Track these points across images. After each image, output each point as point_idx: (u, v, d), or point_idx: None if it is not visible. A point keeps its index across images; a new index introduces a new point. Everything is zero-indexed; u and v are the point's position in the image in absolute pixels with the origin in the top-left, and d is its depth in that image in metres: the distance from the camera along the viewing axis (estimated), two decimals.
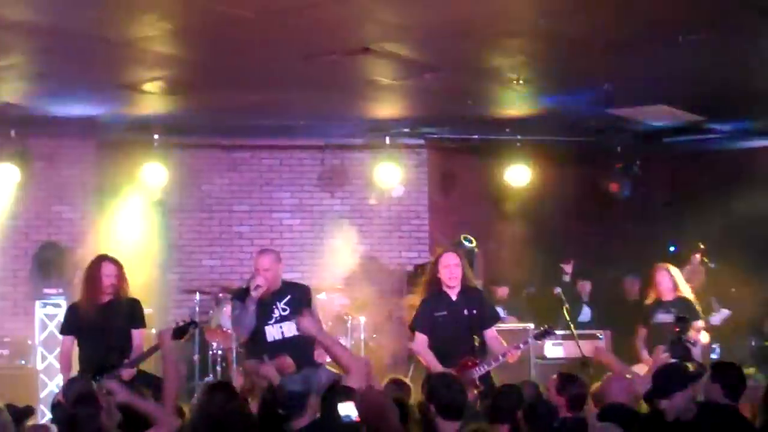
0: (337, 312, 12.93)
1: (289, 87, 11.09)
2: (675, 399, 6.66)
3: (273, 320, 9.20)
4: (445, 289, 9.56)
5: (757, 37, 9.38)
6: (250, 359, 9.16)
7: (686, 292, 10.98)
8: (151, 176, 13.15)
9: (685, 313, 10.34)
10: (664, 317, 10.70)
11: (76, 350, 9.55)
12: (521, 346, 9.50)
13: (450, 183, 14.78)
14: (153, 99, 11.68)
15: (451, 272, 9.53)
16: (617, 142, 13.61)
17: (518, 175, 13.73)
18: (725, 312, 10.65)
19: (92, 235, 13.06)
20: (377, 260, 14.34)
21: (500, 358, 9.30)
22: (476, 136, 13.83)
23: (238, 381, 9.02)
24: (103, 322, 9.37)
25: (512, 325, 12.36)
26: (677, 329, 9.61)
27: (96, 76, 10.68)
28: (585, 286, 13.75)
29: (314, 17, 8.62)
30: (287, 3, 8.34)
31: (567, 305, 10.83)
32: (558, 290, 10.92)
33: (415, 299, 9.80)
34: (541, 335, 9.69)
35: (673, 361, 8.80)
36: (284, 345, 9.09)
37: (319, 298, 10.18)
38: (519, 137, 13.54)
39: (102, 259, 9.66)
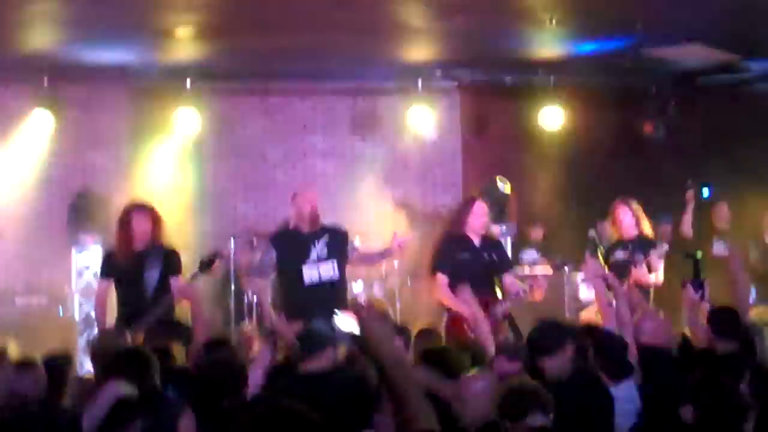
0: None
1: (320, 31, 11.05)
2: (558, 358, 6.44)
3: (310, 261, 9.21)
4: (468, 233, 9.61)
5: None
6: (285, 300, 9.23)
7: (647, 229, 10.56)
8: (185, 122, 13.14)
9: (641, 249, 10.14)
10: (621, 254, 10.37)
11: (113, 297, 9.57)
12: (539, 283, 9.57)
13: (483, 126, 14.71)
14: (185, 44, 11.68)
15: (483, 222, 9.69)
16: (652, 83, 13.51)
17: (552, 117, 13.63)
18: (664, 246, 10.28)
19: (127, 182, 13.14)
20: (410, 204, 14.33)
21: (521, 293, 9.36)
22: (509, 78, 13.75)
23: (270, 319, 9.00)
24: (139, 270, 9.35)
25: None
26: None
27: (128, 22, 10.68)
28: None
29: None
30: None
31: (601, 247, 10.78)
32: (592, 232, 10.84)
33: None
34: (560, 265, 9.71)
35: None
36: (321, 287, 9.14)
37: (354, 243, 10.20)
38: (552, 79, 13.45)
39: (134, 207, 9.62)
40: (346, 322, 5.84)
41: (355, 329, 4.43)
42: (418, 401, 3.86)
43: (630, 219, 10.48)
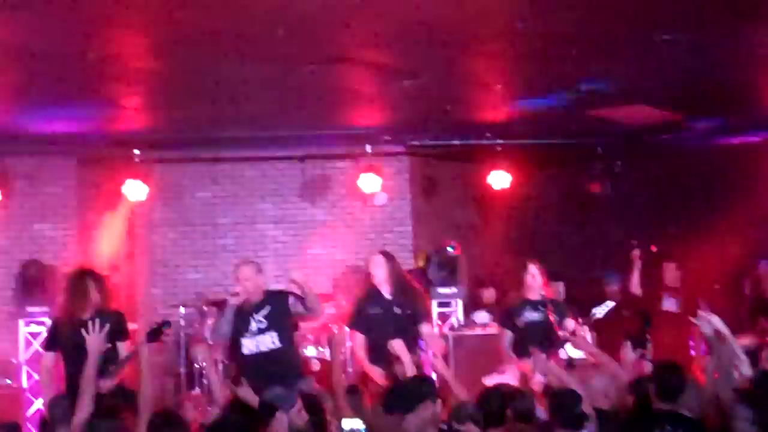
0: (324, 322, 12.88)
1: (268, 98, 11.09)
2: (416, 416, 6.37)
3: (249, 333, 9.18)
4: (379, 286, 9.74)
5: (729, 35, 9.43)
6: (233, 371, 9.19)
7: (552, 291, 10.61)
8: (133, 192, 13.12)
9: (557, 312, 10.18)
10: (533, 316, 10.29)
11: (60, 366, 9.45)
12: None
13: (432, 189, 14.79)
14: (132, 114, 11.67)
15: (379, 273, 9.82)
16: (597, 143, 13.65)
17: (500, 178, 13.74)
18: (610, 303, 10.31)
19: (75, 252, 13.05)
20: (362, 269, 14.31)
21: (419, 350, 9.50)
22: (457, 142, 13.85)
23: (223, 393, 8.98)
24: (84, 338, 9.21)
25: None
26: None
27: (75, 93, 10.65)
28: (557, 288, 13.65)
29: (291, 28, 8.62)
30: (264, 15, 8.35)
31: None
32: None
33: None
34: None
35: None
36: (260, 358, 9.12)
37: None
38: (499, 141, 13.56)
39: (84, 272, 9.56)
40: (354, 425, 6.03)
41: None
42: None
43: (540, 279, 10.48)
